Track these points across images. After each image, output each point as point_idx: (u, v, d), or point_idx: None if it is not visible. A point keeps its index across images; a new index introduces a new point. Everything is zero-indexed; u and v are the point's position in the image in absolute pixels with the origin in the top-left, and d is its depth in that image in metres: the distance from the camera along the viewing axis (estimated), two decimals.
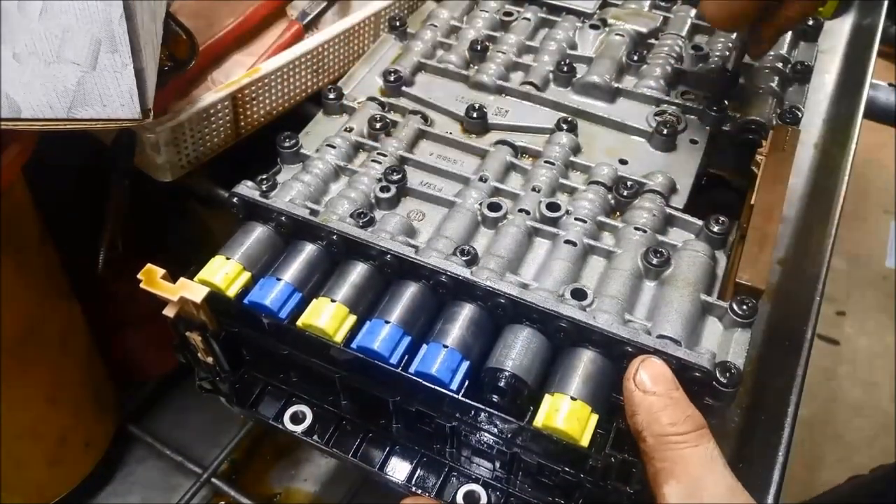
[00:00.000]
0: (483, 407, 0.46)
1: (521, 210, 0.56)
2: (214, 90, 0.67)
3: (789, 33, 0.72)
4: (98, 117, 0.52)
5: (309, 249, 0.53)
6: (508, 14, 0.76)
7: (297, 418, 0.55)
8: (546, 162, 0.59)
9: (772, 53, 0.70)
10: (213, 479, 0.75)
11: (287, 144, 0.60)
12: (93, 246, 0.69)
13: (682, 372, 0.45)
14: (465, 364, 0.47)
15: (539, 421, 0.44)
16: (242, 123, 0.70)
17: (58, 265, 0.68)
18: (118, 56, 0.51)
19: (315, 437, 0.54)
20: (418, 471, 0.52)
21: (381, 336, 0.48)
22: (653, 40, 0.73)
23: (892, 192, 2.31)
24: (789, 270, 0.96)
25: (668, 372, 0.43)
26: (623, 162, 0.61)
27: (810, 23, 0.74)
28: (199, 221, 0.80)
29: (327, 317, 0.49)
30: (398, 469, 0.52)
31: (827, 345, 2.07)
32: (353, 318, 0.50)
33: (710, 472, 0.39)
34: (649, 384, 0.43)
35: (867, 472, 1.16)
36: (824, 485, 1.32)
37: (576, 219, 0.55)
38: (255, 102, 0.69)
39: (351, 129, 0.62)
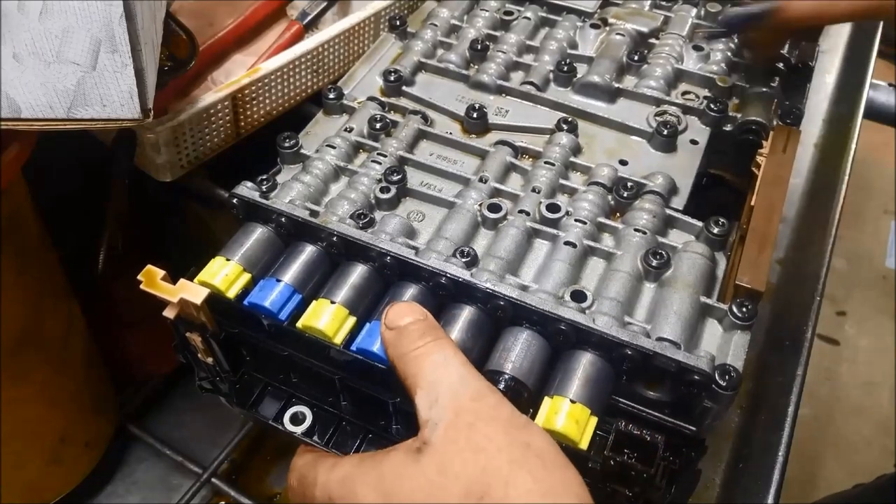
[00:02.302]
0: None
1: (521, 211, 0.56)
2: (214, 90, 0.67)
3: None
4: (98, 117, 0.52)
5: (309, 251, 0.53)
6: (509, 13, 0.76)
7: (297, 419, 0.55)
8: (546, 162, 0.59)
9: None
10: (213, 479, 0.75)
11: (287, 145, 0.60)
12: (93, 246, 0.69)
13: (682, 374, 0.45)
14: None
15: (538, 424, 0.44)
16: (242, 123, 0.70)
17: (58, 265, 0.68)
18: (118, 56, 0.51)
19: (315, 437, 0.54)
20: None
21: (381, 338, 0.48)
22: (653, 40, 0.73)
23: (892, 192, 2.31)
24: (789, 270, 0.96)
25: (406, 308, 0.46)
26: (623, 163, 0.61)
27: None
28: (198, 221, 0.79)
29: (327, 318, 0.49)
30: None
31: (827, 345, 2.07)
32: (352, 320, 0.50)
33: (444, 370, 0.42)
34: (394, 321, 0.45)
35: (871, 477, 1.16)
36: (824, 484, 1.32)
37: (576, 220, 0.55)
38: (255, 102, 0.69)
39: (351, 130, 0.62)
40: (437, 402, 0.41)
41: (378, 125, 0.62)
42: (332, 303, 0.50)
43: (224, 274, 0.51)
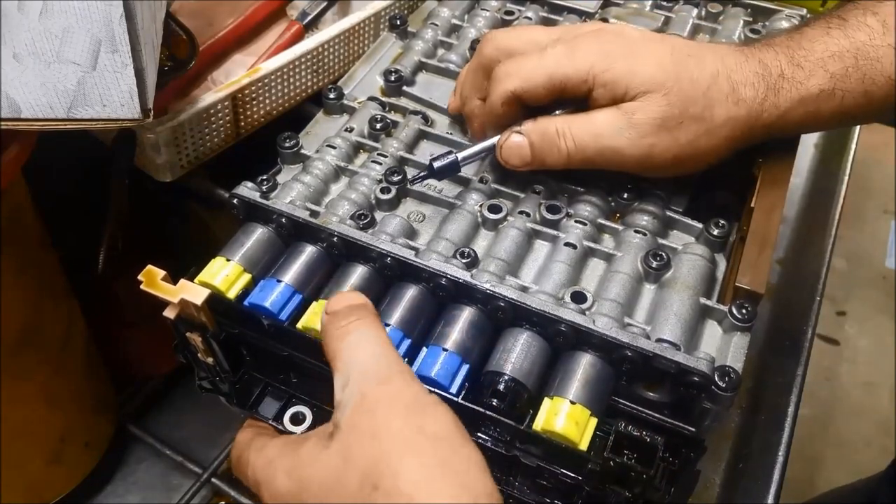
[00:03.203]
0: (482, 411, 0.46)
1: (521, 212, 0.56)
2: (214, 90, 0.66)
3: None
4: (98, 117, 0.52)
5: (309, 251, 0.53)
6: (510, 13, 0.76)
7: (297, 419, 0.55)
8: None
9: None
10: (213, 479, 0.75)
11: (287, 145, 0.60)
12: (93, 246, 0.69)
13: (681, 376, 0.45)
14: (465, 367, 0.47)
15: (538, 425, 0.44)
16: (242, 123, 0.70)
17: (58, 265, 0.68)
18: (118, 56, 0.51)
19: None
20: None
21: None
22: None
23: (892, 192, 2.31)
24: (789, 270, 0.96)
25: (345, 295, 0.46)
26: None
27: None
28: (199, 221, 0.79)
29: None
30: None
31: (827, 345, 2.07)
32: None
33: (358, 351, 0.42)
34: (332, 307, 0.45)
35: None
36: (824, 485, 1.32)
37: (576, 221, 0.55)
38: (255, 102, 0.69)
39: (351, 130, 0.62)
40: (348, 385, 0.41)
41: (378, 125, 0.62)
42: None
43: (224, 274, 0.51)
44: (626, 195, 0.57)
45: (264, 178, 0.56)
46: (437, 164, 0.56)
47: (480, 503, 0.37)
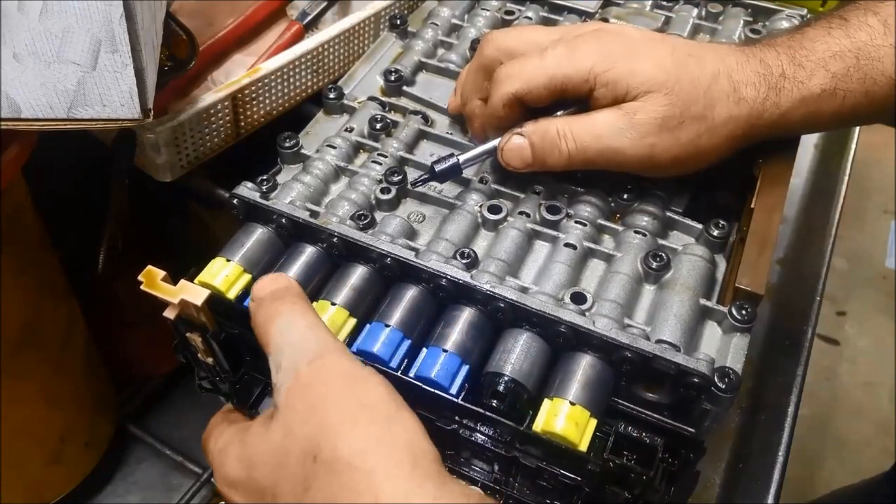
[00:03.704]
0: (482, 412, 0.46)
1: (521, 212, 0.56)
2: (214, 90, 0.66)
3: None
4: (98, 117, 0.52)
5: (309, 252, 0.53)
6: (510, 13, 0.76)
7: None
8: None
9: None
10: (213, 479, 0.75)
11: (287, 145, 0.60)
12: (93, 246, 0.69)
13: (681, 377, 0.45)
14: (465, 368, 0.47)
15: (538, 426, 0.44)
16: (242, 123, 0.70)
17: (58, 265, 0.68)
18: (118, 56, 0.51)
19: None
20: None
21: (381, 340, 0.48)
22: None
23: (892, 192, 2.31)
24: (789, 270, 0.96)
25: (270, 279, 0.46)
26: None
27: None
28: (199, 221, 0.79)
29: (327, 320, 0.49)
30: None
31: (827, 345, 2.07)
32: (352, 322, 0.50)
33: (287, 335, 0.43)
34: (257, 293, 0.46)
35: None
36: (824, 485, 1.32)
37: (576, 222, 0.55)
38: (255, 102, 0.69)
39: (351, 129, 0.62)
40: (281, 367, 0.42)
41: (378, 125, 0.62)
42: (333, 304, 0.50)
43: (224, 275, 0.51)
44: (625, 196, 0.57)
45: (264, 178, 0.56)
46: (438, 167, 0.56)
47: (421, 465, 0.38)
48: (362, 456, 0.38)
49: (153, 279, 0.47)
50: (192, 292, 0.47)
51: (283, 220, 0.53)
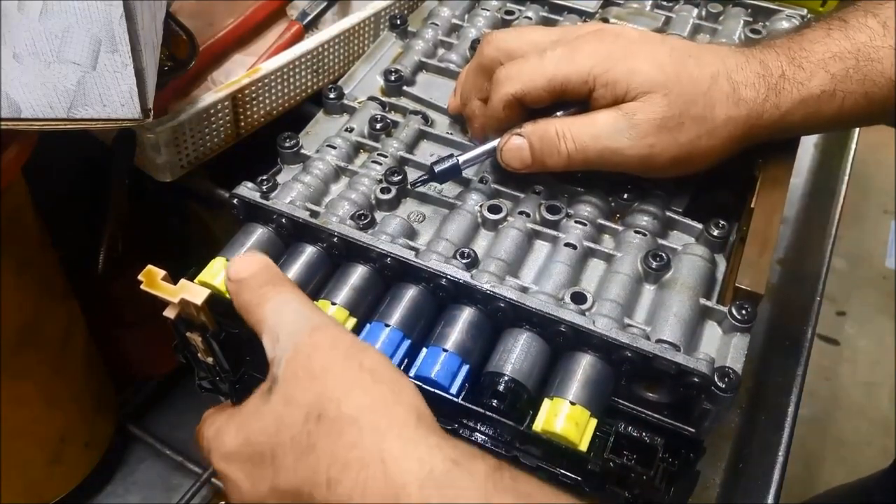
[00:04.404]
0: (483, 411, 0.46)
1: (521, 212, 0.56)
2: (214, 90, 0.66)
3: None
4: (98, 117, 0.52)
5: (309, 251, 0.53)
6: (510, 13, 0.76)
7: None
8: None
9: None
10: (213, 479, 0.75)
11: (287, 145, 0.60)
12: (93, 246, 0.69)
13: (681, 376, 0.45)
14: (465, 368, 0.47)
15: (538, 425, 0.44)
16: (242, 123, 0.70)
17: (58, 265, 0.68)
18: (118, 56, 0.51)
19: None
20: None
21: (382, 339, 0.48)
22: None
23: (892, 192, 2.30)
24: (789, 270, 0.96)
25: (247, 260, 0.47)
26: None
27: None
28: (199, 221, 0.79)
29: None
30: None
31: (827, 345, 2.07)
32: (353, 321, 0.50)
33: (283, 313, 0.44)
34: (237, 274, 0.46)
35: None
36: (824, 485, 1.32)
37: (576, 221, 0.55)
38: (255, 102, 0.69)
39: (351, 129, 0.62)
40: (279, 341, 0.43)
41: (378, 125, 0.62)
42: (333, 304, 0.50)
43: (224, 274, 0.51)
44: (625, 195, 0.57)
45: (264, 178, 0.56)
46: (438, 168, 0.56)
47: (424, 422, 0.39)
48: (367, 413, 0.39)
49: (153, 279, 0.47)
50: (193, 292, 0.47)
51: (284, 220, 0.53)
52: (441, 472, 0.36)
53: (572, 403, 0.45)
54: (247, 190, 0.55)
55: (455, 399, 0.46)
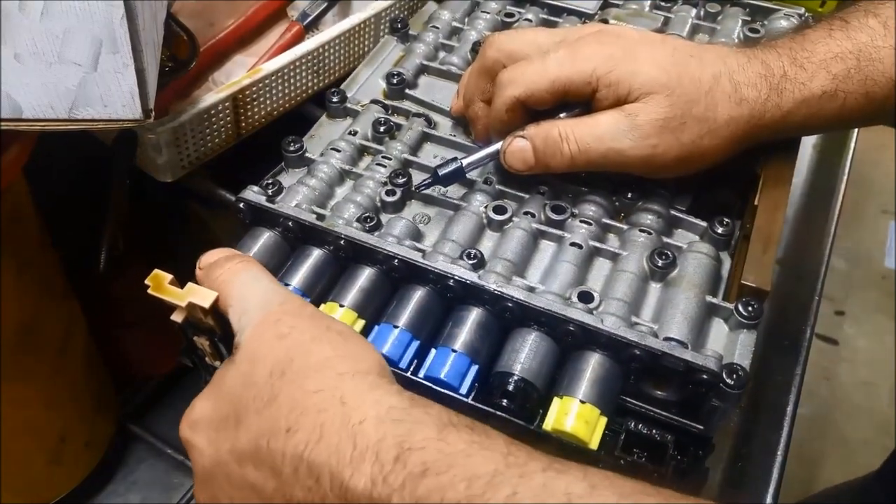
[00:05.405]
0: (493, 411, 0.46)
1: (526, 213, 0.56)
2: (215, 91, 0.66)
3: None
4: (99, 118, 0.52)
5: (316, 254, 0.53)
6: (510, 15, 0.76)
7: None
8: None
9: None
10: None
11: (292, 149, 0.60)
12: (93, 246, 0.69)
13: (690, 374, 0.45)
14: (474, 368, 0.47)
15: (548, 424, 0.45)
16: (243, 124, 0.69)
17: (58, 265, 0.68)
18: (119, 56, 0.50)
19: None
20: None
21: (391, 341, 0.48)
22: None
23: (891, 192, 2.31)
24: (789, 270, 0.96)
25: (215, 251, 0.48)
26: None
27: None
28: (199, 222, 0.79)
29: None
30: None
31: (826, 345, 2.07)
32: (361, 323, 0.50)
33: (251, 286, 0.45)
34: (205, 261, 0.48)
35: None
36: (824, 484, 1.32)
37: (581, 221, 0.55)
38: (255, 103, 0.69)
39: (355, 133, 0.62)
40: (246, 312, 0.43)
41: (382, 128, 0.62)
42: (341, 306, 0.50)
43: None
44: (629, 195, 0.57)
45: (269, 181, 0.56)
46: (442, 171, 0.56)
47: (387, 376, 0.40)
48: (332, 362, 0.39)
49: (160, 283, 0.47)
50: (200, 295, 0.47)
51: (290, 224, 0.53)
52: (399, 409, 0.37)
53: (582, 402, 0.45)
54: (253, 194, 0.55)
55: (465, 399, 0.46)
